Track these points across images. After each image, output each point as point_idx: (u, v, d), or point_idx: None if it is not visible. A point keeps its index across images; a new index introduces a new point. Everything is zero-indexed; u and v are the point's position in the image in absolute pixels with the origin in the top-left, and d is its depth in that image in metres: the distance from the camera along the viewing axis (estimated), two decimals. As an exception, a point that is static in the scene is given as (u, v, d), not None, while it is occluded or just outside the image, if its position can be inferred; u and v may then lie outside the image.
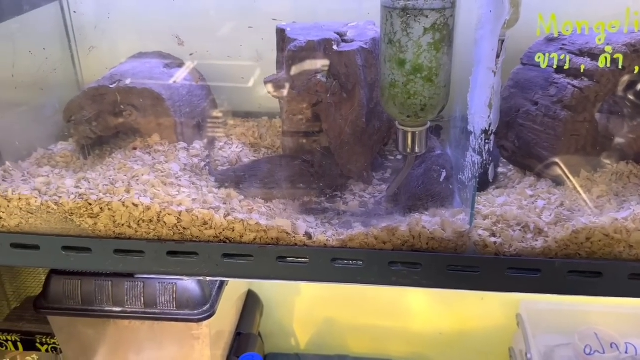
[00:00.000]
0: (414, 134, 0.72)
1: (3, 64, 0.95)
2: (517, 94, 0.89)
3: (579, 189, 0.82)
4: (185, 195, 0.81)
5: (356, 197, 0.93)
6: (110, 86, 0.96)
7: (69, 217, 0.79)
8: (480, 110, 0.66)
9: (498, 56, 0.63)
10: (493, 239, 0.75)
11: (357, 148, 0.93)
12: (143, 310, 0.95)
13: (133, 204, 0.78)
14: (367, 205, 0.91)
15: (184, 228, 0.79)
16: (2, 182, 0.86)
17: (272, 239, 0.78)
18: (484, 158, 0.69)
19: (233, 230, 0.78)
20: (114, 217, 0.79)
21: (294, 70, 0.89)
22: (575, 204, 0.79)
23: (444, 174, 0.79)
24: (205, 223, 0.78)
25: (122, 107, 0.96)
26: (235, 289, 1.22)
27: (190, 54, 1.12)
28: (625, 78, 0.80)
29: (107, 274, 0.96)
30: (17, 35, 0.97)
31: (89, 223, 0.79)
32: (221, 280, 1.02)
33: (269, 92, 0.99)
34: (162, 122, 0.96)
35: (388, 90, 0.68)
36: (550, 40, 0.88)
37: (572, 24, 0.68)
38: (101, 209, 0.78)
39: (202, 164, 0.95)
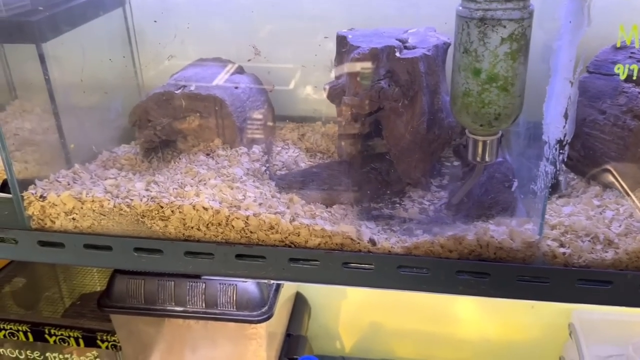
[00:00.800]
0: (484, 142, 0.72)
1: (72, 69, 0.98)
2: (583, 102, 0.88)
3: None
4: (251, 200, 0.83)
5: (415, 204, 0.93)
6: (176, 92, 0.98)
7: (141, 219, 0.82)
8: (556, 120, 0.66)
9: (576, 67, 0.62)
10: (562, 250, 0.74)
11: (417, 155, 0.93)
12: (204, 310, 0.97)
13: (203, 207, 0.80)
14: (427, 212, 0.91)
15: (251, 232, 0.80)
16: (73, 184, 0.89)
17: (337, 244, 0.79)
18: (557, 168, 0.68)
19: (298, 235, 0.80)
20: (184, 219, 0.81)
21: (357, 76, 0.90)
22: (646, 216, 0.78)
23: (515, 183, 0.79)
24: (271, 227, 0.80)
25: (186, 112, 0.99)
26: (285, 290, 1.24)
27: (248, 60, 1.14)
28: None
29: (169, 274, 0.98)
30: (84, 40, 1.00)
31: (160, 225, 0.81)
32: (277, 283, 1.04)
33: (327, 98, 1.00)
34: (224, 126, 0.98)
35: (461, 99, 0.68)
36: (617, 48, 0.87)
37: (654, 34, 0.67)
38: (172, 211, 0.81)
39: (263, 168, 0.96)
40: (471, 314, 1.42)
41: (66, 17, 0.93)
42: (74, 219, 0.83)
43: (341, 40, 0.98)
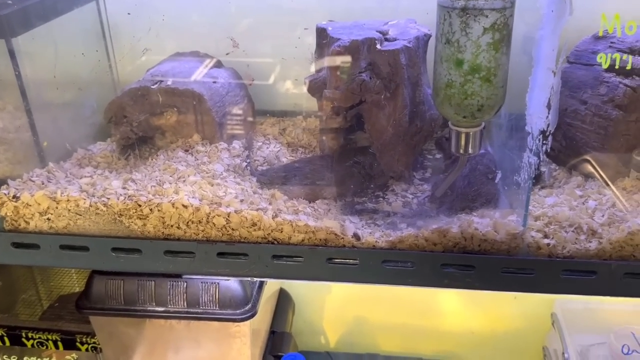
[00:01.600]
0: (467, 134, 0.71)
1: (45, 64, 0.95)
2: (564, 92, 0.88)
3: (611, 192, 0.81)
4: (232, 197, 0.81)
5: (399, 197, 0.92)
6: (152, 87, 0.96)
7: (118, 218, 0.79)
8: (539, 110, 0.65)
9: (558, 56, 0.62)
10: (546, 241, 0.74)
11: (400, 148, 0.93)
12: (186, 310, 0.95)
13: (183, 205, 0.78)
14: (410, 205, 0.90)
15: (233, 229, 0.78)
16: (47, 183, 0.87)
17: (321, 240, 0.78)
18: (541, 159, 0.68)
19: (281, 232, 0.78)
20: (163, 218, 0.79)
21: (337, 69, 0.88)
22: (628, 204, 0.78)
23: (498, 175, 0.79)
24: (254, 224, 0.78)
25: (163, 107, 0.96)
26: (269, 287, 1.22)
27: (226, 54, 1.12)
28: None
29: (149, 274, 0.96)
30: (57, 35, 0.97)
31: (138, 224, 0.79)
32: (261, 280, 1.02)
33: (308, 92, 0.99)
34: (203, 122, 0.96)
35: (444, 91, 0.67)
36: (597, 38, 0.87)
37: (635, 23, 0.67)
38: (151, 210, 0.79)
39: (244, 164, 0.94)
40: (454, 306, 1.42)
41: (37, 10, 0.90)
42: (48, 219, 0.81)
43: (321, 33, 0.96)
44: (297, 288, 1.42)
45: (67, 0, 0.99)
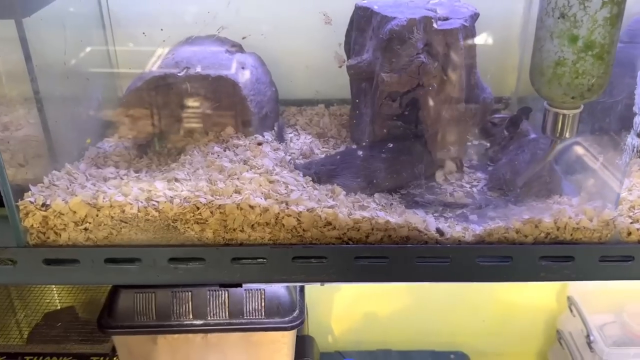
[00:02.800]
0: (566, 116, 0.67)
1: (54, 52, 0.82)
2: (621, 73, 0.85)
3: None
4: (299, 194, 0.73)
5: (456, 188, 0.87)
6: (179, 74, 0.85)
7: (172, 224, 0.69)
8: (649, 90, 0.62)
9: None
10: (636, 226, 0.71)
11: (454, 135, 0.87)
12: (228, 321, 0.86)
13: (250, 205, 0.69)
14: (472, 195, 0.85)
15: (304, 230, 0.70)
16: (74, 188, 0.75)
17: (402, 237, 0.71)
18: (645, 140, 0.65)
19: (358, 230, 0.71)
20: (225, 221, 0.69)
21: (393, 51, 0.82)
22: None
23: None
24: (328, 223, 0.70)
25: (191, 97, 0.86)
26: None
27: (243, 38, 1.02)
28: None
29: (183, 284, 0.86)
30: (64, 18, 0.84)
31: (196, 230, 0.70)
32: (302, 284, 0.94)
33: (351, 76, 0.91)
34: (238, 112, 0.87)
35: (552, 69, 0.62)
36: (653, 16, 0.85)
37: None
38: (212, 212, 0.69)
39: (287, 157, 0.86)
40: (464, 296, 1.39)
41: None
42: (86, 229, 0.69)
43: (364, 12, 0.89)
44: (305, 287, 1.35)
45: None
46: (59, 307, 1.27)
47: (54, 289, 1.29)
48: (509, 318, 1.41)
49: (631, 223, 0.72)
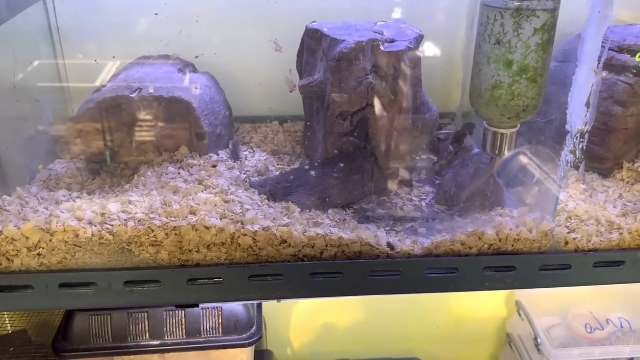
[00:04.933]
0: (504, 135, 0.71)
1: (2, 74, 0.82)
2: (557, 91, 0.91)
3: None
4: (254, 213, 0.74)
5: (405, 202, 0.90)
6: (131, 95, 0.85)
7: (127, 247, 0.70)
8: (579, 109, 0.67)
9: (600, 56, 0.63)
10: (573, 235, 0.76)
11: (403, 151, 0.91)
12: (185, 340, 0.86)
13: (205, 227, 0.70)
14: (422, 209, 0.89)
15: (260, 249, 0.72)
16: (25, 212, 0.74)
17: (355, 253, 0.74)
18: (577, 157, 0.69)
19: (313, 247, 0.73)
20: (180, 242, 0.70)
21: (343, 72, 0.85)
22: (632, 195, 0.83)
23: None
24: (284, 241, 0.72)
25: (145, 118, 0.86)
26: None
27: (196, 57, 1.04)
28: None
29: (139, 305, 0.86)
30: (12, 39, 0.84)
31: (151, 252, 0.70)
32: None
33: (303, 95, 0.94)
34: (193, 133, 0.88)
35: (490, 92, 0.67)
36: (583, 37, 0.91)
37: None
38: (167, 235, 0.70)
39: (242, 176, 0.87)
40: (418, 304, 1.43)
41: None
42: (39, 254, 0.69)
43: (313, 34, 0.92)
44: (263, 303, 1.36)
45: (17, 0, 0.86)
46: (10, 331, 1.24)
47: (5, 313, 1.26)
48: (462, 324, 1.46)
49: (568, 233, 0.77)
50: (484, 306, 1.44)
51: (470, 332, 1.46)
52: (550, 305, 1.38)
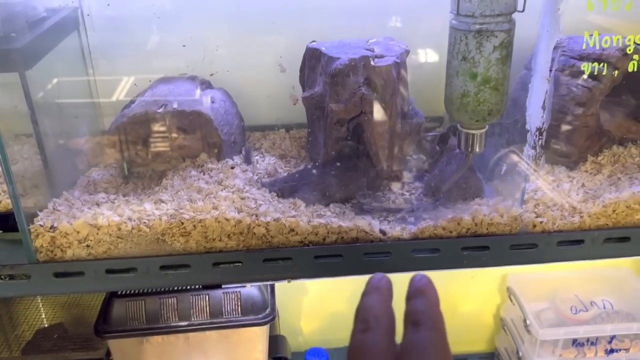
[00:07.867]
0: (475, 135, 0.84)
1: (50, 95, 0.96)
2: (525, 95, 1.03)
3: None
4: (266, 207, 0.88)
5: (398, 196, 1.03)
6: (158, 110, 0.99)
7: (161, 237, 0.83)
8: (536, 111, 0.80)
9: (551, 67, 0.76)
10: (539, 219, 0.89)
11: (394, 152, 1.04)
12: (210, 320, 1.00)
13: (225, 219, 0.84)
14: (411, 201, 1.02)
15: (272, 237, 0.85)
16: (73, 211, 0.88)
17: (352, 238, 0.87)
18: (537, 152, 0.82)
19: (317, 234, 0.86)
20: (205, 233, 0.84)
21: (338, 85, 0.98)
22: (593, 184, 0.95)
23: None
24: (292, 230, 0.86)
25: (170, 130, 1.00)
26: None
27: (211, 74, 1.17)
28: (619, 77, 0.97)
29: (169, 291, 1.00)
30: (56, 64, 0.98)
31: (181, 241, 0.84)
32: (272, 285, 1.09)
33: (305, 106, 1.07)
34: (211, 142, 1.01)
35: (460, 100, 0.80)
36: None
37: (609, 38, 0.84)
38: (194, 226, 0.83)
39: (255, 177, 1.01)
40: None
41: (44, 40, 0.90)
42: (88, 245, 0.83)
43: (313, 53, 1.05)
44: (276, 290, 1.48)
45: (60, 29, 1.00)
46: (47, 325, 1.38)
47: (41, 308, 1.40)
48: (459, 309, 1.58)
49: (535, 217, 0.89)
50: (480, 292, 1.56)
51: (466, 317, 1.58)
52: (539, 290, 1.50)
